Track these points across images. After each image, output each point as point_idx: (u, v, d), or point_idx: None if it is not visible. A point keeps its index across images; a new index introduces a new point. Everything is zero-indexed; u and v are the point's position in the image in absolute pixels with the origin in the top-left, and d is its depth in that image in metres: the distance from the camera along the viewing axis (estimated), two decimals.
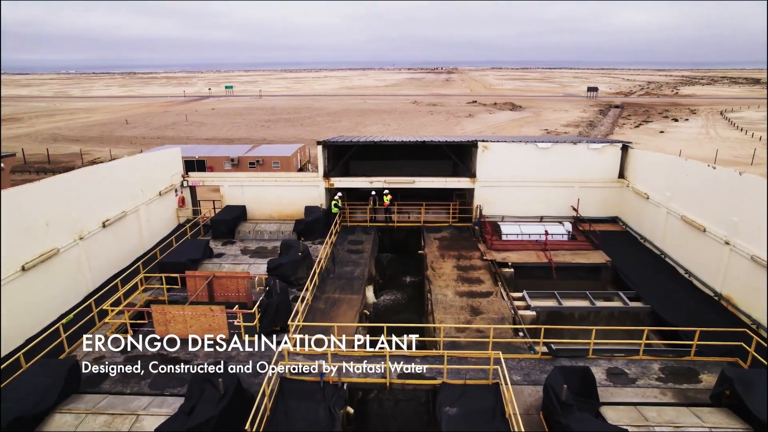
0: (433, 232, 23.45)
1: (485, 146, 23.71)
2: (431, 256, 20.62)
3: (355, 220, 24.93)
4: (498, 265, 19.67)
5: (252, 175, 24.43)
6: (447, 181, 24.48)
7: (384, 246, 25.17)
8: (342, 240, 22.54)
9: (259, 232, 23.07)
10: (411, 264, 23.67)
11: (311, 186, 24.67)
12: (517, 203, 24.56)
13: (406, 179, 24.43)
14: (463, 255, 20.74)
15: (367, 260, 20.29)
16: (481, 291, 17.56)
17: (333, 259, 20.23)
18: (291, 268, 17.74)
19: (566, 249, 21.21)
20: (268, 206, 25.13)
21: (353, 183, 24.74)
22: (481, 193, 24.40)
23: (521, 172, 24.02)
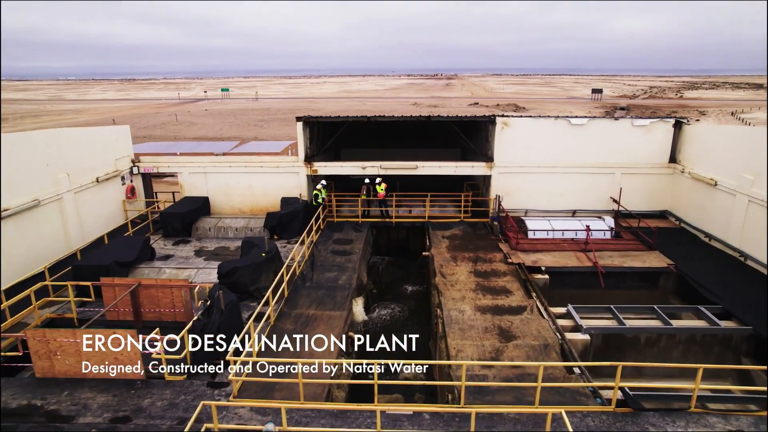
0: (441, 230, 18.76)
1: (505, 122, 19.08)
2: (440, 259, 15.91)
3: (344, 216, 20.27)
4: (528, 270, 14.97)
5: (217, 160, 19.86)
6: (458, 167, 19.82)
7: (379, 247, 20.47)
8: (326, 239, 17.86)
9: (223, 229, 18.38)
10: (413, 269, 18.97)
11: (290, 173, 20.00)
12: (545, 194, 19.90)
13: (406, 164, 19.77)
14: (481, 257, 16.04)
15: (356, 264, 15.59)
16: (510, 305, 12.84)
17: (312, 263, 15.54)
18: (249, 273, 13.04)
19: (611, 249, 16.53)
20: (237, 198, 20.47)
21: (342, 169, 20.09)
22: (499, 182, 19.74)
23: (550, 155, 19.39)
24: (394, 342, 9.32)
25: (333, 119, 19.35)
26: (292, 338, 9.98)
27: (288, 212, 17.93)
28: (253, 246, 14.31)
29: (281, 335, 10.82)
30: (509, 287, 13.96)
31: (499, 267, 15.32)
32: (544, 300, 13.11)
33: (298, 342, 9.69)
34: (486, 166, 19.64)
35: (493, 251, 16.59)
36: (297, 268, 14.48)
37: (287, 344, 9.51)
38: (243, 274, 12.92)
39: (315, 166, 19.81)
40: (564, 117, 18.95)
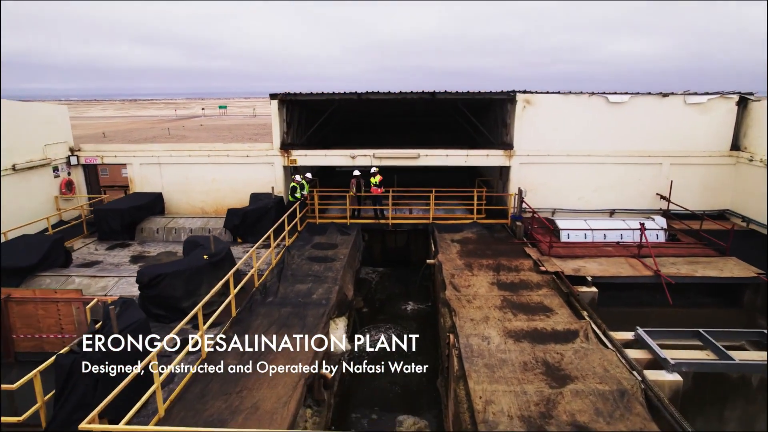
0: (450, 233, 14.94)
1: (528, 100, 15.45)
2: (450, 267, 12.06)
3: (329, 217, 16.49)
4: (569, 281, 11.10)
5: (173, 148, 16.19)
6: (469, 156, 16.07)
7: (373, 255, 16.63)
8: (303, 243, 14.03)
9: (174, 230, 14.56)
10: (415, 282, 15.11)
11: (262, 163, 16.29)
12: (576, 189, 16.16)
13: (406, 152, 16.08)
14: (504, 265, 12.18)
15: (338, 274, 11.74)
16: (554, 329, 8.94)
17: (280, 271, 11.68)
18: (183, 283, 9.20)
19: (671, 255, 12.71)
20: (198, 195, 16.71)
21: (326, 159, 16.36)
22: (520, 175, 16.02)
23: (582, 140, 15.72)
24: (394, 342, 7.60)
25: (317, 97, 15.73)
26: (225, 392, 6.18)
27: (255, 209, 14.14)
28: (197, 246, 10.50)
29: (209, 383, 6.99)
30: (548, 303, 10.08)
31: (530, 277, 11.45)
32: (601, 321, 9.21)
33: (233, 398, 5.88)
34: (504, 155, 15.92)
35: (518, 257, 12.74)
36: (256, 278, 10.63)
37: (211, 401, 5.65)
38: (173, 284, 9.06)
39: (293, 155, 16.10)
40: (600, 93, 15.31)
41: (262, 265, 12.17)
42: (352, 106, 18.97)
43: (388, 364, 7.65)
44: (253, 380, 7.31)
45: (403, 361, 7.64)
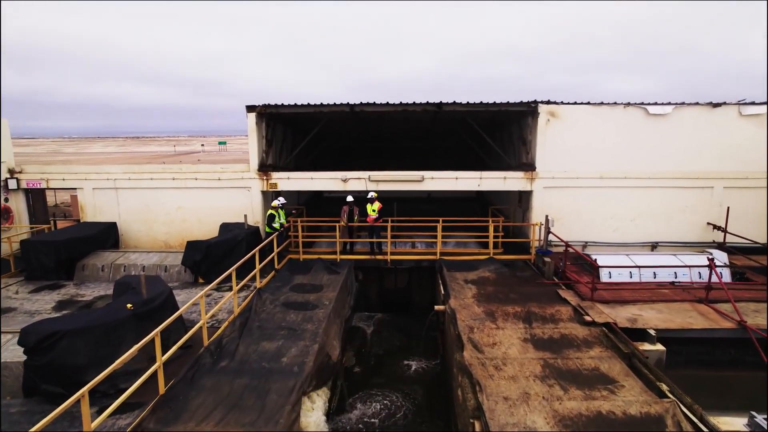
0: (462, 271, 12.19)
1: (552, 112, 13.04)
2: (467, 317, 9.25)
3: (316, 251, 13.81)
4: (624, 333, 8.28)
5: (132, 170, 13.64)
6: (483, 178, 13.50)
7: (367, 298, 13.84)
8: (281, 284, 11.26)
9: (124, 267, 11.82)
10: (420, 332, 12.26)
11: (237, 188, 13.72)
12: (611, 218, 13.54)
13: (408, 175, 13.54)
14: (537, 313, 9.38)
15: (320, 326, 8.93)
16: (626, 413, 6.08)
17: (244, 324, 8.87)
18: (88, 344, 6.41)
19: (747, 299, 9.93)
20: (161, 225, 14.07)
21: (313, 182, 13.77)
22: (545, 200, 13.43)
23: (618, 159, 13.23)
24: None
25: (302, 109, 13.31)
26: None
27: (221, 241, 11.46)
28: (128, 290, 7.77)
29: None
30: (606, 370, 7.24)
31: (573, 330, 8.63)
32: (691, 400, 6.36)
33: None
34: (525, 178, 13.37)
35: (552, 303, 9.94)
36: (206, 333, 7.82)
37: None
38: (74, 347, 6.28)
39: (274, 178, 13.56)
40: (638, 104, 12.91)
41: (223, 314, 9.39)
42: (345, 124, 16.60)
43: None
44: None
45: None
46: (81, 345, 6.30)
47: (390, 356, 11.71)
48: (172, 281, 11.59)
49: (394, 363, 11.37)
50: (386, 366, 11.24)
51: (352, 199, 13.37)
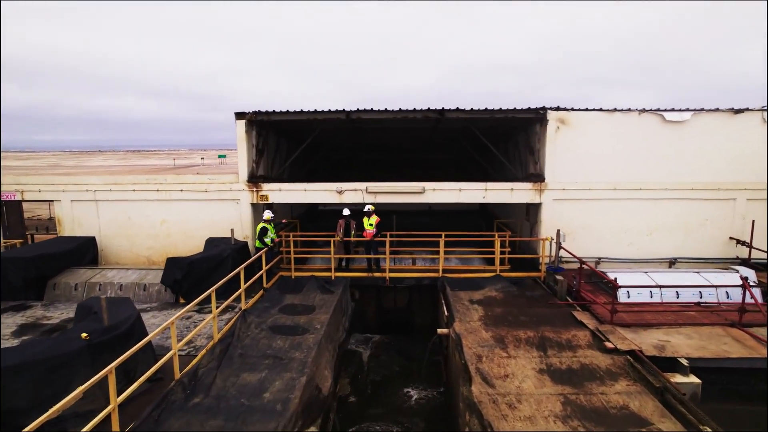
0: (467, 290, 11.24)
1: (562, 119, 12.22)
2: (474, 344, 8.28)
3: (309, 269, 12.89)
4: (652, 363, 7.32)
5: (113, 181, 12.78)
6: (488, 190, 12.62)
7: (365, 318, 12.89)
8: (270, 305, 10.30)
9: (99, 286, 10.89)
10: (422, 356, 11.27)
11: (225, 200, 12.85)
12: (625, 233, 12.65)
13: (408, 186, 12.67)
14: (551, 339, 8.40)
15: (309, 354, 7.96)
16: None
17: (224, 351, 7.91)
18: (29, 383, 5.43)
19: None
20: (144, 239, 13.17)
21: (306, 194, 12.87)
22: (554, 213, 12.54)
23: (633, 169, 12.38)
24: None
25: (295, 116, 12.49)
26: None
27: (204, 258, 10.53)
28: (89, 315, 6.84)
29: None
30: (637, 408, 6.27)
31: (594, 359, 7.66)
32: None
33: None
34: (533, 190, 12.49)
35: (568, 326, 8.98)
36: (177, 364, 6.86)
37: None
38: (11, 386, 5.30)
39: (264, 189, 12.69)
40: (654, 110, 12.09)
41: (202, 340, 8.43)
42: (342, 133, 15.80)
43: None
44: None
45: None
46: (19, 384, 5.35)
47: (389, 383, 10.70)
48: (151, 301, 10.65)
49: (394, 391, 10.36)
50: (384, 395, 10.23)
51: (349, 212, 12.50)
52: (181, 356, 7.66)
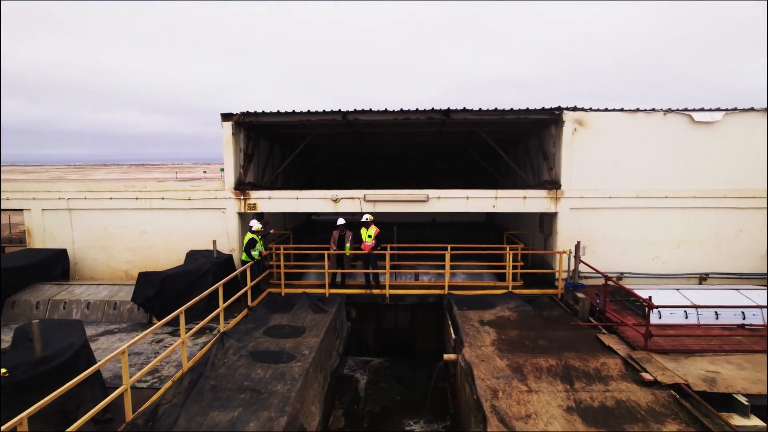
0: (477, 309, 10.02)
1: (580, 121, 11.13)
2: (488, 375, 7.05)
3: (301, 284, 11.73)
4: (702, 399, 6.07)
5: (88, 188, 11.74)
6: (499, 198, 11.47)
7: (362, 341, 11.70)
8: (254, 326, 9.12)
9: (64, 304, 9.74)
10: (426, 384, 10.06)
11: (210, 209, 11.75)
12: (651, 244, 11.48)
13: (411, 194, 11.55)
14: (578, 369, 7.18)
15: (293, 386, 6.75)
16: None
17: (194, 382, 6.71)
18: None
19: None
20: (122, 252, 12.06)
21: (299, 202, 11.75)
22: (572, 223, 11.38)
23: (658, 176, 11.24)
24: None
25: (286, 118, 11.43)
26: None
27: (180, 273, 9.39)
28: (23, 343, 5.68)
29: None
30: None
31: (631, 393, 6.43)
32: None
33: None
34: (548, 197, 11.35)
35: (594, 352, 7.76)
36: (128, 404, 5.66)
37: None
38: None
39: (253, 198, 11.59)
40: (681, 110, 11.00)
41: (169, 369, 7.25)
42: (339, 139, 14.75)
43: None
44: None
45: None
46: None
47: (388, 415, 9.45)
48: (121, 321, 9.48)
49: (394, 425, 9.11)
50: (383, 429, 8.97)
51: (344, 222, 11.36)
52: (141, 390, 6.48)
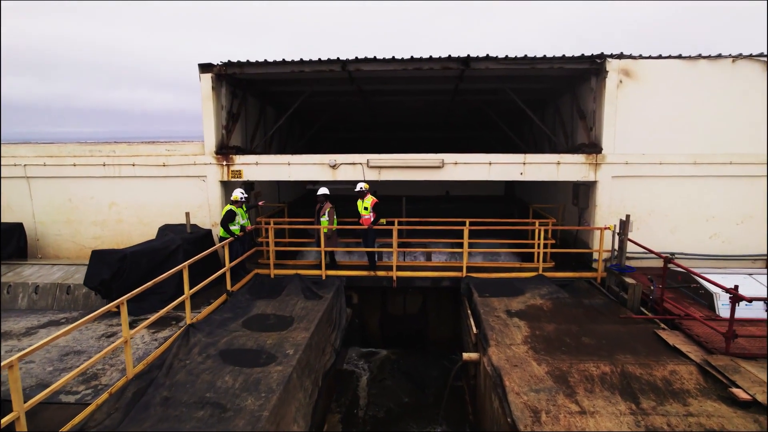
0: (501, 296, 8.33)
1: (627, 71, 9.20)
2: (523, 386, 5.38)
3: (292, 264, 10.11)
4: None
5: (48, 152, 10.14)
6: (527, 164, 9.65)
7: (365, 330, 10.12)
8: (232, 315, 7.53)
9: (8, 287, 8.21)
10: (439, 381, 8.49)
11: (188, 176, 10.10)
12: (709, 220, 9.62)
13: (422, 158, 9.76)
14: (638, 378, 5.48)
15: (270, 400, 5.14)
16: None
17: (141, 394, 5.13)
18: None
19: None
20: (89, 227, 10.53)
21: (291, 169, 10.02)
22: (614, 195, 9.58)
23: (722, 137, 9.31)
24: None
25: (276, 68, 9.60)
26: None
27: (143, 251, 7.78)
28: None
29: None
30: None
31: (723, 418, 4.74)
32: None
33: None
34: (586, 164, 9.51)
35: (657, 354, 6.06)
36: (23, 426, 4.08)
37: None
38: None
39: (237, 163, 9.89)
40: (755, 56, 9.01)
41: (114, 373, 5.69)
42: (340, 99, 12.91)
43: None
44: None
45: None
46: None
47: (394, 421, 7.91)
48: (76, 308, 7.96)
49: (399, 427, 7.57)
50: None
51: (326, 192, 9.53)
52: (66, 406, 4.94)
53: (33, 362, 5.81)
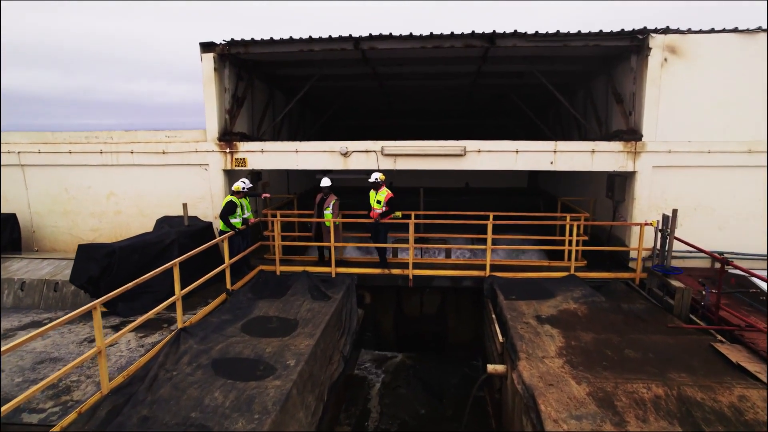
0: (530, 298, 7.46)
1: (673, 48, 8.19)
2: (561, 412, 4.55)
3: (300, 260, 9.40)
4: None
5: (43, 138, 9.56)
6: (558, 152, 8.73)
7: (378, 331, 9.38)
8: (231, 316, 6.83)
9: None
10: (458, 389, 7.68)
11: (189, 165, 9.43)
12: (761, 217, 8.58)
13: (442, 146, 8.90)
14: (696, 402, 4.61)
15: (264, 422, 4.39)
16: None
17: (116, 414, 4.44)
18: None
19: None
20: (87, 218, 9.96)
21: (299, 157, 9.27)
22: (655, 187, 8.62)
23: None
24: None
25: (282, 47, 8.82)
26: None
27: (134, 245, 7.12)
28: None
29: None
30: None
31: None
32: None
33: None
34: (624, 152, 8.56)
35: (717, 374, 5.16)
36: None
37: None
38: None
39: (241, 150, 9.17)
40: None
41: (90, 386, 5.03)
42: (354, 82, 12.10)
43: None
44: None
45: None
46: None
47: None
48: (64, 307, 7.37)
49: None
50: None
51: (329, 184, 8.75)
52: (27, 427, 4.27)
53: (2, 371, 5.19)
